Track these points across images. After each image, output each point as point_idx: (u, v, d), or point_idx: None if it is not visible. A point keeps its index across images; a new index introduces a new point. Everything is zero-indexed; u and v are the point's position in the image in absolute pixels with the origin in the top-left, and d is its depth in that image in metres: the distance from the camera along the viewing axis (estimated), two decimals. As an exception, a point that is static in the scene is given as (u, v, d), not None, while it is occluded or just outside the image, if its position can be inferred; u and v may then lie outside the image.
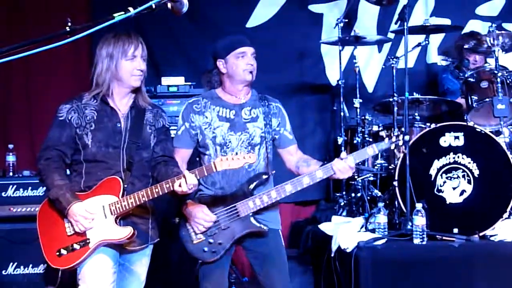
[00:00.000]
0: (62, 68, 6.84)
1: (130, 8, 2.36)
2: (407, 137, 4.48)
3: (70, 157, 3.88)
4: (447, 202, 5.20)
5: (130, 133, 3.89)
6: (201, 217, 4.00)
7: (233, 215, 4.06)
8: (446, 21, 7.00)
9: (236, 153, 3.94)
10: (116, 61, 3.82)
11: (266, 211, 4.14)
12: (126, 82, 3.88)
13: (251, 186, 4.10)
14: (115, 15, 2.35)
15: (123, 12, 2.34)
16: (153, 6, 2.42)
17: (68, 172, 3.97)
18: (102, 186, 3.79)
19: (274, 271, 4.17)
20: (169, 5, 2.53)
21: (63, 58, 6.73)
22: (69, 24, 2.29)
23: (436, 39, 7.13)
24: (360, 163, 5.88)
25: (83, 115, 3.85)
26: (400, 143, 4.31)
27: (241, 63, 4.17)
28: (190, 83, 6.20)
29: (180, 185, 3.64)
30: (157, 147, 3.99)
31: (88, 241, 3.72)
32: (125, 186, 3.79)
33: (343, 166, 4.00)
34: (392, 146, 4.30)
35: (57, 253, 3.75)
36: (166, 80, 6.28)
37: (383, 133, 5.85)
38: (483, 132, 5.22)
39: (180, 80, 6.26)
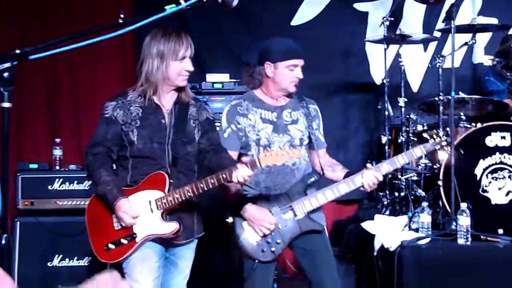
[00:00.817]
0: (108, 63, 6.91)
1: (182, 1, 2.37)
2: (449, 139, 4.48)
3: (116, 153, 3.94)
4: (493, 203, 5.16)
5: (175, 128, 3.92)
6: (266, 220, 4.03)
7: (289, 215, 4.09)
8: (494, 20, 6.91)
9: (280, 148, 3.97)
10: (166, 61, 3.83)
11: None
12: (172, 81, 3.90)
13: (306, 186, 4.13)
14: (166, 7, 2.36)
15: (174, 5, 2.36)
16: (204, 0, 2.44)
17: (114, 166, 4.02)
18: (148, 181, 3.83)
19: (323, 266, 4.20)
20: (219, -1, 2.54)
21: (108, 53, 6.81)
22: (122, 16, 2.31)
23: (482, 39, 7.04)
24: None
25: (129, 112, 3.89)
26: (444, 143, 4.32)
27: (290, 75, 4.16)
28: (234, 80, 6.20)
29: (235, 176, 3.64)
30: (202, 138, 3.99)
31: (135, 235, 3.77)
32: (171, 181, 3.82)
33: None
34: (437, 147, 4.31)
35: (105, 248, 3.81)
36: (210, 77, 6.28)
37: (426, 135, 5.81)
38: (530, 132, 5.16)
39: (225, 77, 6.26)
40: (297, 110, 4.30)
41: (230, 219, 4.11)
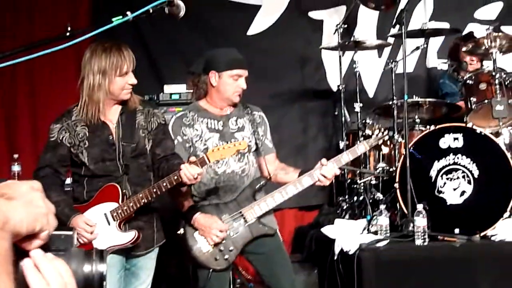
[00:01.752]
0: (65, 76, 6.84)
1: (128, 12, 2.40)
2: (391, 132, 4.56)
3: (64, 174, 3.95)
4: (448, 203, 5.23)
5: (123, 141, 3.90)
6: (216, 228, 4.03)
7: (240, 221, 4.12)
8: (445, 25, 7.08)
9: (227, 142, 4.01)
10: (108, 78, 3.77)
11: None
12: (116, 96, 3.87)
13: (254, 191, 4.16)
14: (113, 19, 2.40)
15: (121, 16, 2.39)
16: (150, 10, 2.47)
17: (70, 180, 4.03)
18: (101, 195, 3.84)
19: (278, 269, 4.23)
20: (166, 9, 2.57)
21: (66, 67, 6.74)
22: (69, 29, 2.35)
23: (435, 43, 7.19)
24: (362, 166, 5.97)
25: (75, 134, 3.87)
26: (386, 137, 4.43)
27: (234, 85, 4.18)
28: (191, 90, 6.21)
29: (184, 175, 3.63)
30: (158, 148, 3.99)
31: (95, 250, 3.76)
32: (124, 191, 3.83)
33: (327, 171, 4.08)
34: (380, 142, 4.41)
35: (67, 265, 3.80)
36: (168, 88, 6.31)
37: (369, 131, 5.89)
38: (482, 133, 5.24)
39: (182, 88, 6.27)
40: (242, 118, 4.33)
41: (181, 231, 4.12)
